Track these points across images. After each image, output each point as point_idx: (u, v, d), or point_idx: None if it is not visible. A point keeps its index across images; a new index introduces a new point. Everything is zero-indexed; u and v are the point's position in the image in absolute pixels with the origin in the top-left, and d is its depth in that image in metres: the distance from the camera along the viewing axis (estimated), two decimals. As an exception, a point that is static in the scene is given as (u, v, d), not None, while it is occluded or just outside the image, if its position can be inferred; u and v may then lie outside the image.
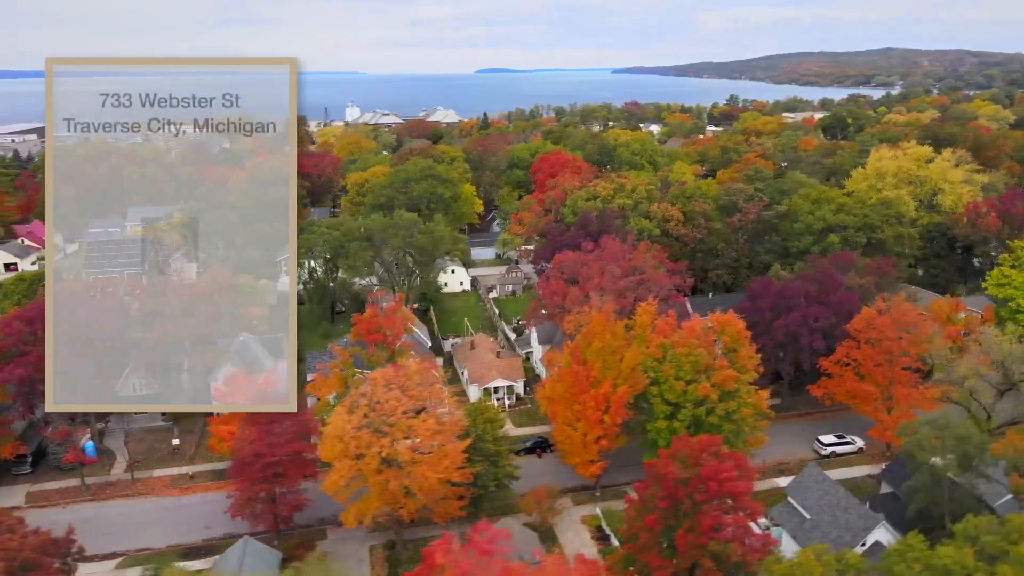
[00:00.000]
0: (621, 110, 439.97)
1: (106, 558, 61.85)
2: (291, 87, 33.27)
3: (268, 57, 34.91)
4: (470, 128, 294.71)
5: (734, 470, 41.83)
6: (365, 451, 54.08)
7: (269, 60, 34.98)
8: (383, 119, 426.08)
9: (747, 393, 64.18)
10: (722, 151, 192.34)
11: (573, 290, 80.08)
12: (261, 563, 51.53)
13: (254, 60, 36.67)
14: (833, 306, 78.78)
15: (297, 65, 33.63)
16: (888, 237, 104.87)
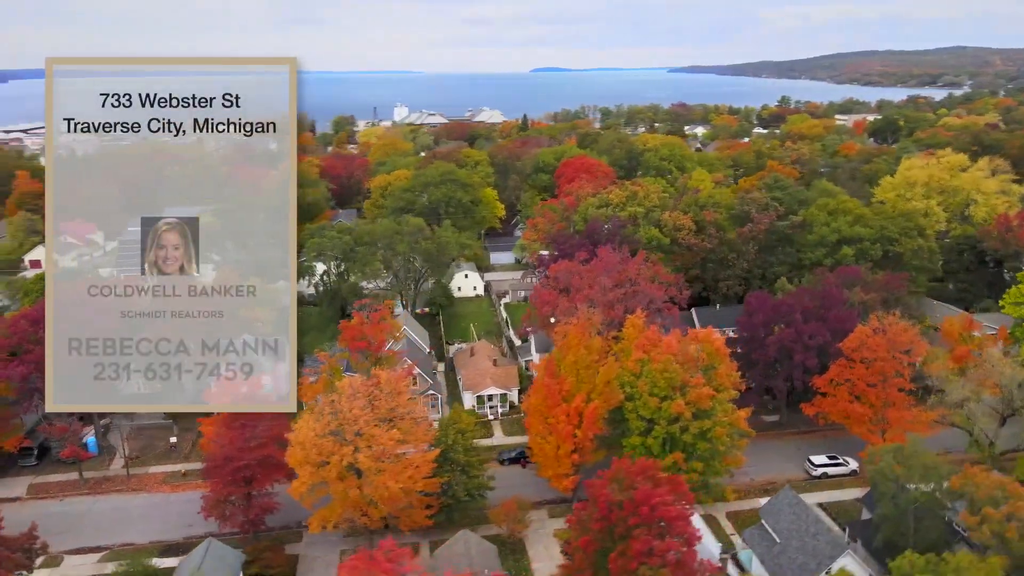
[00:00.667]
0: (667, 112, 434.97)
1: (91, 551, 64.32)
2: (291, 87, 32.97)
3: (268, 57, 34.89)
4: (509, 130, 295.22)
5: (669, 495, 41.30)
6: (327, 458, 55.17)
7: (269, 60, 34.70)
8: (428, 119, 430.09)
9: (723, 412, 63.11)
10: (756, 156, 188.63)
11: (564, 300, 79.90)
12: (222, 564, 52.99)
13: (254, 60, 36.23)
14: (830, 323, 76.83)
15: (297, 65, 33.05)
16: (906, 250, 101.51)
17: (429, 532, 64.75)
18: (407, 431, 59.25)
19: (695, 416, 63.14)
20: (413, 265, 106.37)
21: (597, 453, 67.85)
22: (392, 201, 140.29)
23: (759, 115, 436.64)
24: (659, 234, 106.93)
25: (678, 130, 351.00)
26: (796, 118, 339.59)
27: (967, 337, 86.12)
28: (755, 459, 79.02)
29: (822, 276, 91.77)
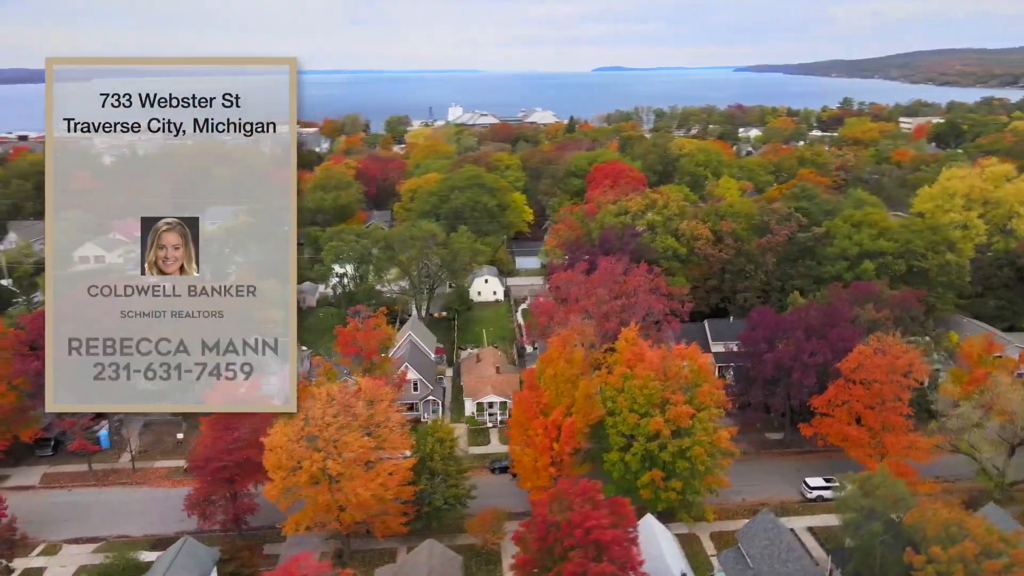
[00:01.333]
0: (722, 113, 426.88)
1: (89, 542, 67.34)
2: (291, 87, 33.17)
3: (269, 57, 34.97)
4: (555, 132, 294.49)
5: (607, 518, 41.03)
6: (299, 463, 56.53)
7: (270, 60, 34.85)
8: (480, 120, 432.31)
9: (702, 431, 62.08)
10: (799, 162, 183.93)
11: (561, 310, 79.75)
12: (194, 561, 54.90)
13: (254, 60, 36.15)
14: (831, 341, 74.66)
15: (297, 65, 33.25)
16: (932, 266, 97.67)
17: (409, 538, 65.53)
18: (383, 439, 60.22)
19: (674, 434, 62.42)
20: (427, 270, 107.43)
21: (581, 467, 67.71)
22: (419, 204, 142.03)
23: (818, 117, 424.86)
24: (676, 243, 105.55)
25: (730, 133, 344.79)
26: (854, 121, 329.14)
27: (987, 359, 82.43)
28: (753, 478, 77.72)
29: (836, 291, 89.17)
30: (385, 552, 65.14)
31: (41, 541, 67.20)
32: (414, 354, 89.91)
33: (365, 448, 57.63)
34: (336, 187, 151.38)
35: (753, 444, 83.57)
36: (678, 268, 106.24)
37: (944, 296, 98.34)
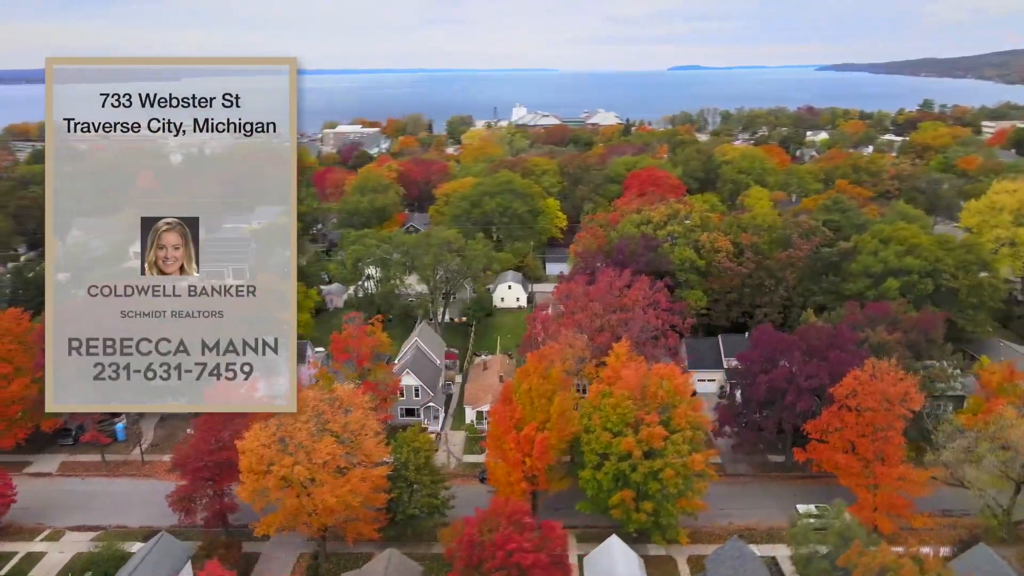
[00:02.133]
0: (790, 116, 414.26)
1: (90, 529, 71.09)
2: (291, 87, 33.55)
3: (269, 57, 35.42)
4: (610, 134, 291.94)
5: (530, 541, 41.06)
6: (268, 468, 58.37)
7: (270, 60, 35.30)
8: (542, 120, 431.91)
9: (675, 453, 61.05)
10: (852, 170, 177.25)
11: (555, 322, 79.61)
12: (167, 557, 57.45)
13: (254, 60, 36.67)
14: (831, 364, 72.15)
15: (297, 65, 33.73)
16: (962, 286, 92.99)
17: (387, 544, 66.67)
18: (356, 446, 61.54)
19: (647, 455, 61.63)
20: (443, 276, 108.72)
21: (562, 482, 67.69)
22: (451, 209, 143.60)
23: (894, 120, 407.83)
24: (694, 256, 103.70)
25: (795, 136, 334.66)
26: (928, 125, 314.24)
27: (1009, 387, 78.07)
28: (746, 501, 75.99)
29: (852, 310, 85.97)
30: (361, 556, 66.44)
31: (48, 527, 71.49)
32: (418, 360, 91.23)
33: (334, 454, 59.00)
34: (374, 190, 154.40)
35: (753, 466, 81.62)
36: (696, 280, 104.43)
37: (975, 318, 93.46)
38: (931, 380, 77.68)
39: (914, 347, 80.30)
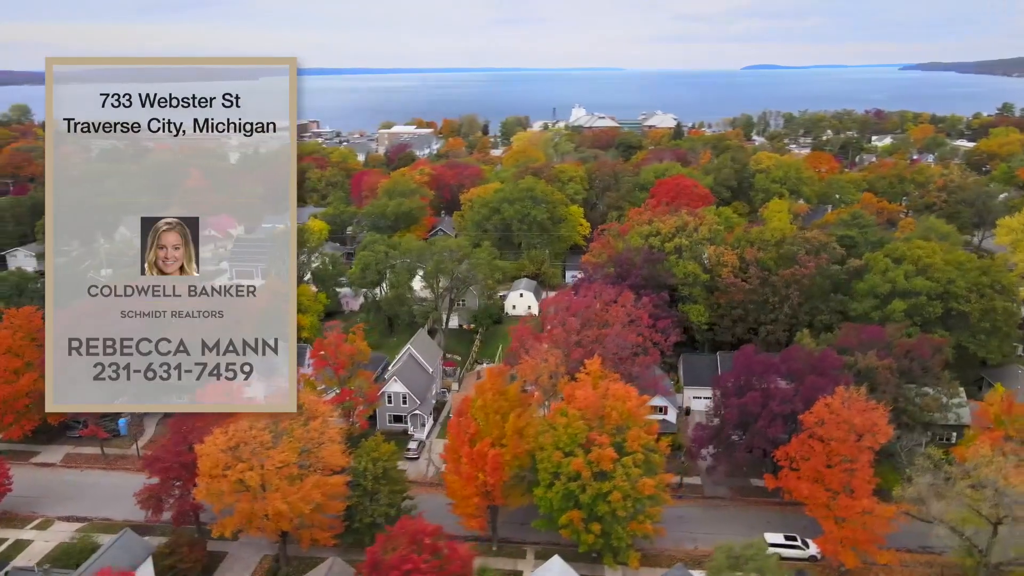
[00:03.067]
0: (855, 119, 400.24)
1: (78, 520, 74.96)
2: (291, 87, 33.59)
3: (269, 57, 35.47)
4: (659, 138, 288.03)
5: (428, 563, 41.61)
6: (223, 472, 60.53)
7: (270, 60, 35.35)
8: (597, 122, 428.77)
9: (623, 476, 60.43)
10: (898, 180, 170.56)
11: (533, 336, 79.64)
12: (126, 554, 60.14)
13: (254, 60, 36.76)
14: (805, 390, 70.09)
15: (297, 65, 33.76)
16: (974, 310, 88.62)
17: (349, 550, 68.32)
18: (313, 453, 63.17)
19: (597, 476, 61.24)
20: (447, 283, 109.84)
21: (522, 498, 67.87)
22: (471, 215, 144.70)
23: (968, 125, 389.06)
24: (698, 269, 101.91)
25: (855, 141, 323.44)
26: (1000, 131, 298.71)
27: (1008, 419, 74.19)
28: (718, 525, 74.60)
29: (849, 332, 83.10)
30: (320, 561, 68.10)
31: (40, 515, 75.75)
32: (408, 367, 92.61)
33: (287, 462, 60.72)
34: (401, 194, 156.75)
35: (733, 490, 79.93)
36: (700, 295, 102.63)
37: (988, 344, 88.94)
38: (921, 409, 74.51)
39: (908, 374, 77.12)
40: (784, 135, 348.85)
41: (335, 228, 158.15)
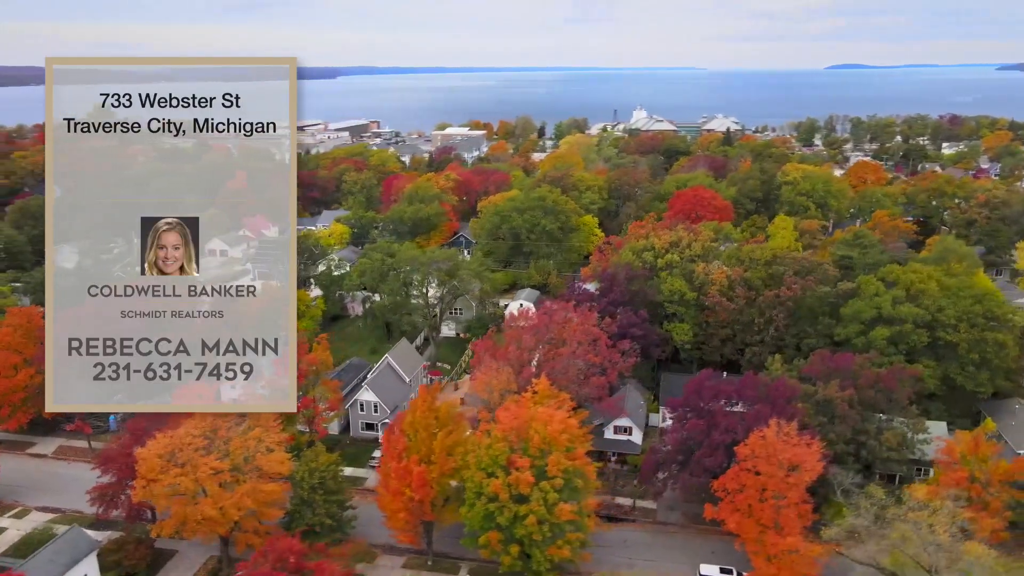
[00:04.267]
0: (927, 124, 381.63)
1: (53, 511, 79.53)
2: (291, 87, 33.63)
3: (269, 57, 35.46)
4: (708, 144, 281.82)
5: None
6: (157, 477, 63.48)
7: (270, 60, 35.50)
8: (655, 125, 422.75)
9: (538, 501, 60.40)
10: (936, 194, 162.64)
11: (487, 353, 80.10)
12: (69, 549, 63.57)
13: (255, 60, 36.94)
14: (748, 419, 68.36)
15: (297, 64, 33.91)
16: (962, 341, 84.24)
17: (288, 555, 70.52)
18: (249, 461, 65.49)
19: (514, 499, 61.43)
20: (436, 293, 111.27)
21: (456, 514, 68.52)
22: (481, 224, 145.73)
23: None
24: (685, 287, 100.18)
25: (918, 149, 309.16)
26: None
27: (972, 460, 70.46)
28: (664, 552, 73.72)
29: (820, 359, 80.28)
30: (261, 565, 70.57)
31: (20, 504, 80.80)
32: (383, 376, 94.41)
33: (217, 469, 63.18)
34: (421, 200, 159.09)
35: (688, 516, 78.41)
36: (687, 313, 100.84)
37: (978, 377, 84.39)
38: (880, 444, 71.55)
39: (873, 406, 74.17)
40: (843, 141, 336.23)
41: (357, 232, 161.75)
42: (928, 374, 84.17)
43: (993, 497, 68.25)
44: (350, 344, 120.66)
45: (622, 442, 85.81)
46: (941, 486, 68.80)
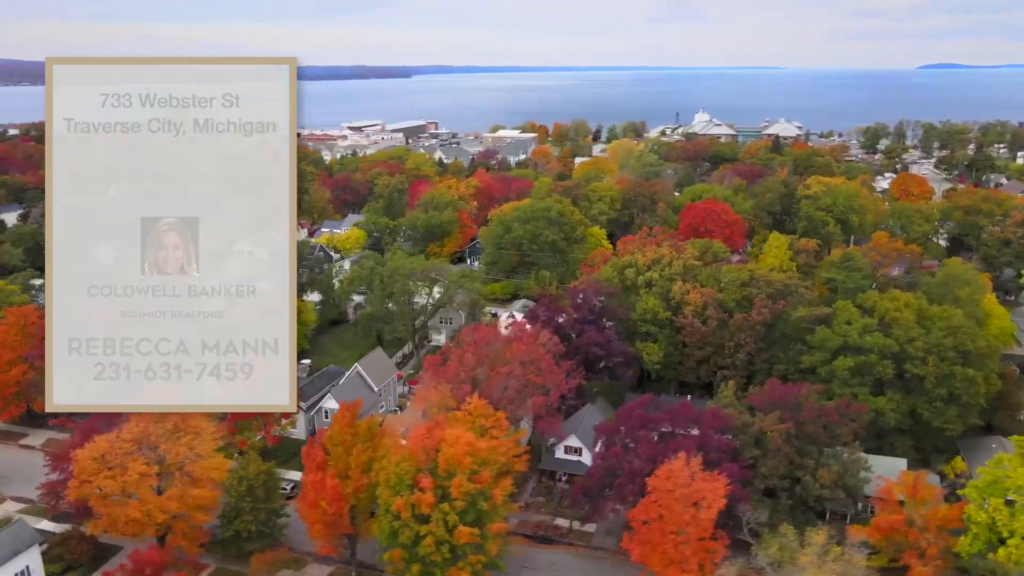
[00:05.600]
0: (1003, 131, 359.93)
1: (27, 501, 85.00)
2: (291, 87, 33.14)
3: (269, 57, 35.10)
4: (755, 151, 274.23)
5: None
6: (89, 479, 67.16)
7: (270, 60, 35.01)
8: (714, 129, 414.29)
9: (437, 523, 61.05)
10: (965, 212, 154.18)
11: (431, 369, 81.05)
12: (11, 540, 67.97)
13: (255, 60, 36.48)
14: (667, 450, 67.05)
15: (297, 64, 33.53)
16: (928, 374, 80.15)
17: (218, 559, 73.67)
18: (180, 468, 68.58)
19: (416, 519, 62.29)
20: (418, 304, 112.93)
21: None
22: (487, 233, 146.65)
23: None
24: (659, 307, 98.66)
25: (984, 160, 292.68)
26: None
27: (910, 504, 67.24)
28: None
29: (773, 389, 77.92)
30: (204, 567, 73.58)
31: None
32: (351, 385, 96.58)
33: (145, 474, 66.40)
34: (435, 206, 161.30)
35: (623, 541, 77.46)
36: (660, 333, 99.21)
37: (946, 413, 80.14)
38: (815, 481, 69.05)
39: (814, 439, 71.61)
40: (903, 150, 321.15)
41: (375, 237, 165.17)
42: (893, 408, 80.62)
43: (929, 544, 65.17)
44: (343, 349, 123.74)
45: (571, 462, 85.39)
46: (877, 529, 66.31)
